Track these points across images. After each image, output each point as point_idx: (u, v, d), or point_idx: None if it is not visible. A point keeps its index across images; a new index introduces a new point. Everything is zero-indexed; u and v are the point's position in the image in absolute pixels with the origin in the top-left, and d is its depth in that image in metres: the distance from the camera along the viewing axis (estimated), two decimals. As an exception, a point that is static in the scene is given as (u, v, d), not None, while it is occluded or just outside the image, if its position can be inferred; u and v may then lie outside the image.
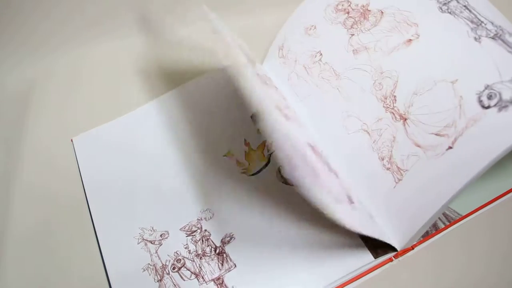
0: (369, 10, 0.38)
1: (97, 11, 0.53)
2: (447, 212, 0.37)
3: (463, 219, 0.37)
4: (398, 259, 0.35)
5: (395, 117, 0.34)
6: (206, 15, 0.38)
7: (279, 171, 0.40)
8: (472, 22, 0.33)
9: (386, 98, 0.35)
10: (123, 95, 0.50)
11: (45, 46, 0.53)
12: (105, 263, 0.36)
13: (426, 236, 0.36)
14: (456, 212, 0.37)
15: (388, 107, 0.35)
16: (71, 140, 0.45)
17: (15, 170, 0.43)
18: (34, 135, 0.47)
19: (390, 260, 0.35)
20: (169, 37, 0.53)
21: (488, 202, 0.38)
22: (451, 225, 0.37)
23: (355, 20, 0.39)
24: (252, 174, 0.40)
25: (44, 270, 0.36)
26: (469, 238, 0.37)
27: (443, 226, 0.36)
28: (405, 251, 0.35)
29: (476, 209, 0.37)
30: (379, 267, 0.35)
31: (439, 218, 0.37)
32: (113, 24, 0.54)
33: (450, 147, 0.30)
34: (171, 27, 0.54)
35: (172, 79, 0.50)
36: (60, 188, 0.41)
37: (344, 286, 0.34)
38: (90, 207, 0.40)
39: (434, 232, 0.36)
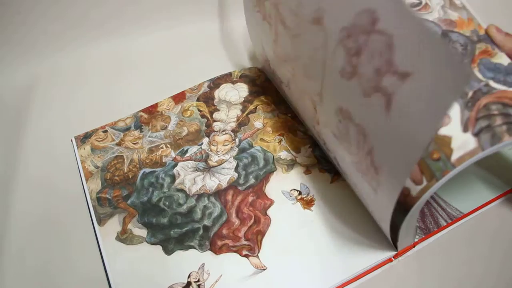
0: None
1: (99, 13, 0.54)
2: (449, 210, 0.35)
3: (464, 217, 0.35)
4: (398, 259, 0.35)
5: None
6: None
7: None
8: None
9: None
10: (124, 95, 0.50)
11: (48, 47, 0.54)
12: (104, 258, 0.36)
13: (428, 233, 0.35)
14: (458, 210, 0.35)
15: None
16: (71, 140, 0.46)
17: (17, 167, 0.44)
18: (36, 133, 0.47)
19: (390, 260, 0.35)
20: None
21: (490, 200, 0.35)
22: (453, 223, 0.35)
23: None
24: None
25: (44, 265, 0.37)
26: (471, 237, 0.35)
27: (444, 224, 0.35)
28: (405, 250, 0.34)
29: (478, 207, 0.35)
30: (379, 267, 0.35)
31: (441, 216, 0.35)
32: (115, 25, 0.55)
33: None
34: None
35: (172, 81, 0.50)
36: (61, 187, 0.42)
37: (344, 286, 0.35)
38: (89, 205, 0.40)
39: (436, 230, 0.35)
